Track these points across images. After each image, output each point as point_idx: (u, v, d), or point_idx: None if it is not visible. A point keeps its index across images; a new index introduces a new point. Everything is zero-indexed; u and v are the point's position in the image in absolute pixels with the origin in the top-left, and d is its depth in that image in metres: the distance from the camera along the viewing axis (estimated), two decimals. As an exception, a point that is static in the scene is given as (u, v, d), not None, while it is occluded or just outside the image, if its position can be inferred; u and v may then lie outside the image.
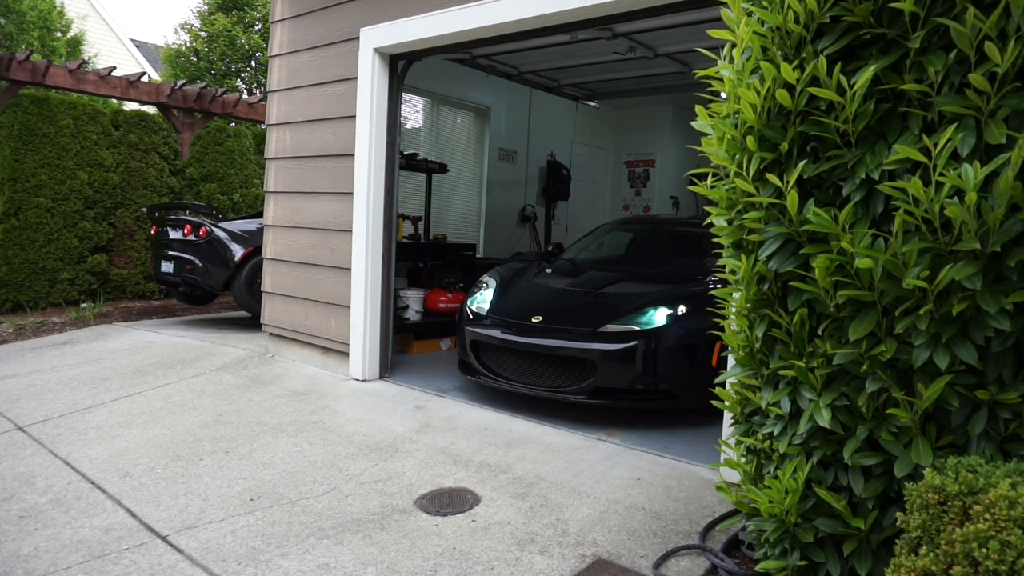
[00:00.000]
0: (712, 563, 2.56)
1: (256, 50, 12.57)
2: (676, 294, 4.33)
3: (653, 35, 5.82)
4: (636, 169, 9.73)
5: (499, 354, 4.50)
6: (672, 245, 5.71)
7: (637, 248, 5.92)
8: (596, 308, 4.40)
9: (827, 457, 2.02)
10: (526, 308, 4.60)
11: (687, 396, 4.12)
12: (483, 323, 4.60)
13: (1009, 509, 1.38)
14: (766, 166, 2.07)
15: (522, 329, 4.39)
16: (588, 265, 5.44)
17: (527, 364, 4.35)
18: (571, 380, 4.16)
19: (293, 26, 5.59)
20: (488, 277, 5.18)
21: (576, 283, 4.87)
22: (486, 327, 4.54)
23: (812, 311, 2.02)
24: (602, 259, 5.70)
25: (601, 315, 4.26)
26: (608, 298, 4.51)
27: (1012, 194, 1.57)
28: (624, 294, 4.52)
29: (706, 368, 4.08)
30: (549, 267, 5.36)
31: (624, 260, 5.69)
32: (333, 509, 2.99)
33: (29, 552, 2.59)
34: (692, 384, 4.11)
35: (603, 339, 4.10)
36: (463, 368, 4.76)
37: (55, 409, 4.26)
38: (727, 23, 2.18)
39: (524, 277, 5.13)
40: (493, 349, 4.51)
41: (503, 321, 4.53)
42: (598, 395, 4.08)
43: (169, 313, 7.92)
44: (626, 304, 4.32)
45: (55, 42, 11.91)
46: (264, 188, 6.04)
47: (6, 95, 7.36)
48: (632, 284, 4.69)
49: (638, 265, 5.42)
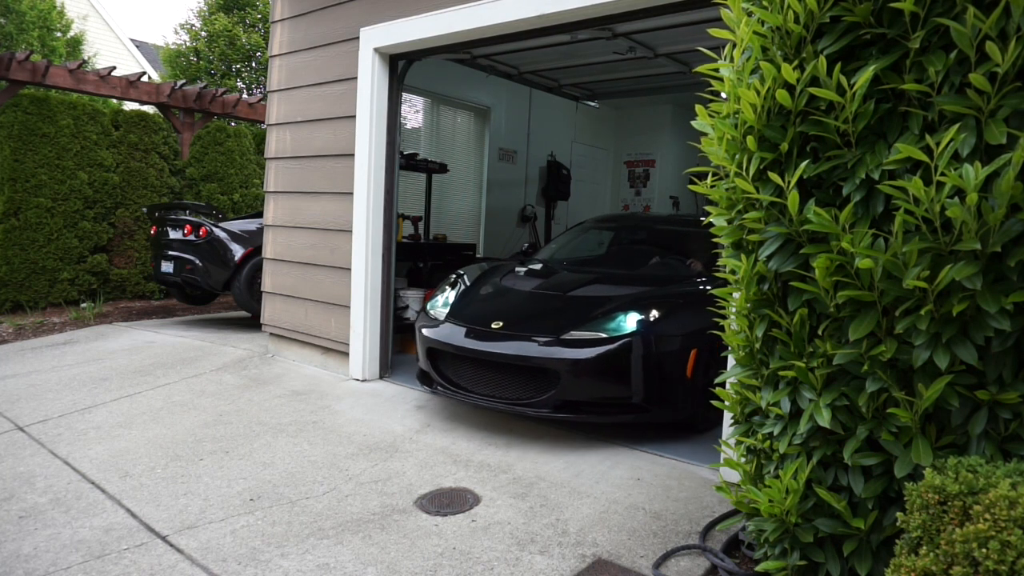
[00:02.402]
0: (712, 563, 2.56)
1: (256, 50, 12.57)
2: (651, 298, 4.02)
3: (653, 35, 5.82)
4: (636, 169, 9.73)
5: (457, 363, 4.08)
6: (654, 245, 5.38)
7: (616, 248, 5.61)
8: (562, 313, 4.03)
9: (827, 457, 2.02)
10: (487, 312, 4.20)
11: (659, 409, 3.78)
12: (441, 328, 4.19)
13: (1009, 509, 1.37)
14: (766, 166, 2.06)
15: (481, 335, 3.96)
16: (562, 266, 5.11)
17: (486, 374, 3.95)
18: (533, 392, 3.76)
19: (293, 26, 5.58)
20: (453, 278, 4.84)
21: (545, 285, 4.51)
22: (444, 333, 4.13)
23: (812, 311, 2.02)
24: (578, 259, 5.38)
25: (567, 320, 3.89)
26: (577, 302, 4.15)
27: (1013, 194, 1.57)
28: (594, 297, 4.15)
29: (680, 379, 3.78)
30: (522, 268, 4.98)
31: (601, 260, 5.38)
32: (333, 509, 2.99)
33: (29, 552, 2.59)
34: (665, 396, 3.80)
35: (567, 347, 3.70)
36: (421, 378, 4.36)
37: (55, 409, 4.26)
38: (727, 23, 2.18)
39: (491, 279, 4.75)
40: (451, 357, 4.09)
41: (462, 326, 4.11)
42: (564, 409, 3.69)
43: (169, 313, 7.92)
44: (595, 308, 3.95)
45: (55, 42, 11.91)
46: (264, 188, 6.04)
47: (6, 95, 7.36)
48: (605, 286, 4.34)
49: (615, 266, 5.12)
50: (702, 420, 3.98)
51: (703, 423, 3.99)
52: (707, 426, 4.01)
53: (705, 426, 4.00)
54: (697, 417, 3.95)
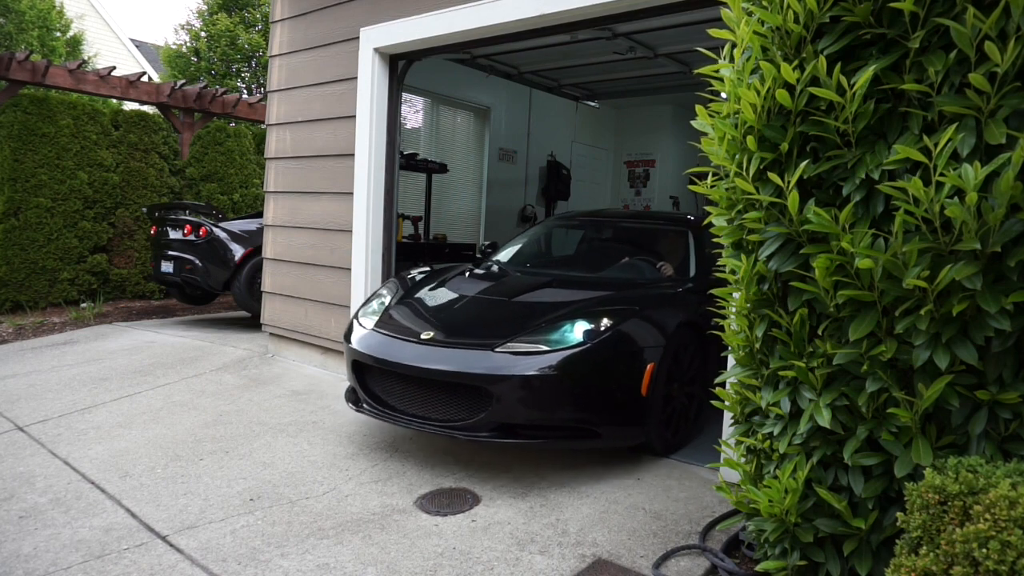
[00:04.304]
0: (712, 563, 2.55)
1: (256, 50, 12.58)
2: (606, 304, 3.56)
3: (653, 35, 5.82)
4: (636, 169, 9.73)
5: (385, 379, 3.57)
6: (623, 244, 4.89)
7: (582, 248, 5.15)
8: (502, 321, 3.56)
9: (827, 457, 2.02)
10: (420, 321, 3.71)
11: (611, 433, 3.34)
12: (366, 338, 3.68)
13: (1009, 509, 1.38)
14: (766, 166, 2.06)
15: (409, 347, 3.46)
16: (517, 267, 4.66)
17: (415, 392, 3.45)
18: (465, 413, 3.27)
19: (293, 26, 5.59)
20: (391, 281, 4.38)
21: (490, 290, 4.03)
22: (369, 343, 3.62)
23: (812, 311, 2.02)
24: (538, 260, 4.93)
25: (505, 330, 3.40)
26: (522, 309, 3.67)
27: (1012, 194, 1.57)
28: (542, 304, 3.68)
29: (635, 398, 3.33)
30: (475, 269, 4.54)
31: (562, 262, 4.94)
32: (333, 509, 2.99)
33: (29, 552, 2.59)
34: (616, 419, 3.35)
35: (503, 360, 3.22)
36: (347, 395, 3.85)
37: (55, 409, 4.26)
38: (727, 23, 2.18)
39: (434, 282, 4.24)
40: (378, 372, 3.58)
41: (389, 336, 3.60)
42: (501, 433, 3.21)
43: (169, 313, 7.92)
44: (540, 316, 3.47)
45: (54, 42, 11.91)
46: (264, 188, 6.05)
47: (6, 95, 7.36)
48: (558, 291, 3.88)
49: (577, 268, 4.71)
50: (661, 443, 3.57)
51: (663, 446, 3.59)
52: (668, 450, 3.63)
53: (665, 450, 3.61)
54: (655, 440, 3.51)
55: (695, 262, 4.35)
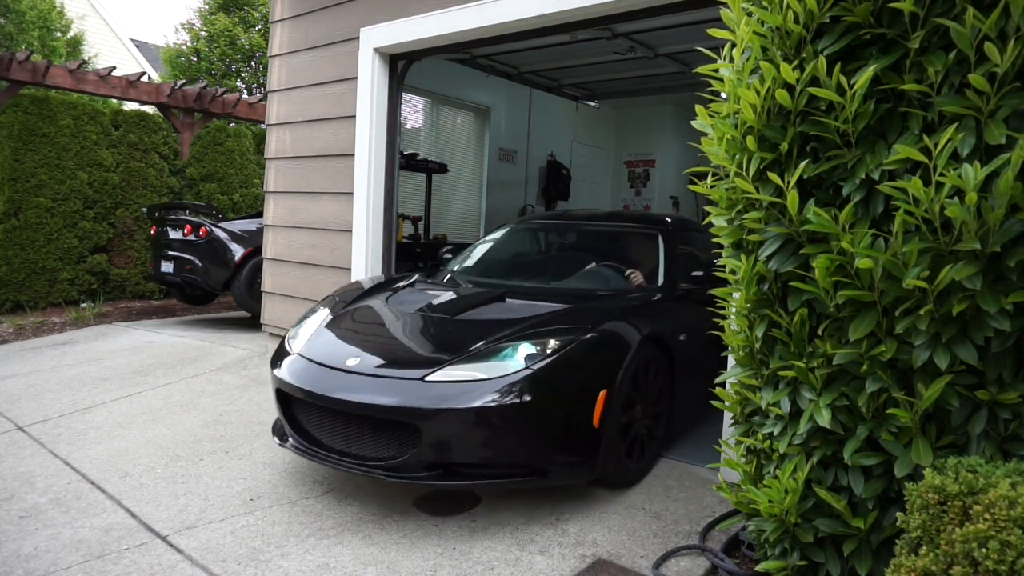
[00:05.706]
0: (712, 563, 2.56)
1: (256, 50, 12.58)
2: (556, 323, 3.17)
3: (653, 35, 5.82)
4: (636, 169, 9.73)
5: (310, 411, 3.14)
6: (590, 251, 4.42)
7: (547, 254, 4.75)
8: (440, 344, 3.19)
9: (827, 457, 2.02)
10: (348, 345, 3.28)
11: (560, 471, 2.94)
12: (290, 365, 3.24)
13: (1009, 509, 1.38)
14: (766, 166, 2.07)
15: (332, 377, 3.04)
16: (471, 277, 4.24)
17: (339, 426, 3.03)
18: (393, 451, 2.86)
19: (293, 26, 5.59)
20: (330, 297, 3.93)
21: (432, 307, 3.62)
22: (292, 371, 3.19)
23: (812, 311, 2.02)
24: (495, 269, 4.44)
25: (440, 354, 3.03)
26: (463, 328, 3.29)
27: (1012, 194, 1.57)
28: (485, 322, 3.30)
29: (586, 430, 2.94)
30: (427, 279, 4.18)
31: (522, 269, 4.49)
32: (333, 509, 2.99)
33: (29, 552, 2.59)
34: (566, 453, 2.95)
35: (433, 391, 2.82)
36: (275, 429, 3.41)
37: (55, 409, 4.26)
38: (727, 23, 2.18)
39: (376, 296, 3.80)
40: (302, 404, 3.15)
41: (315, 364, 3.17)
42: (434, 473, 2.81)
43: (169, 313, 7.92)
44: (481, 338, 3.07)
45: (55, 42, 11.91)
46: (264, 188, 6.05)
47: (6, 95, 7.36)
48: (508, 305, 3.48)
49: (535, 277, 4.24)
50: (621, 475, 3.20)
51: (623, 479, 3.23)
52: (630, 482, 3.26)
53: (626, 483, 3.25)
54: (613, 473, 3.13)
55: (664, 269, 3.98)
